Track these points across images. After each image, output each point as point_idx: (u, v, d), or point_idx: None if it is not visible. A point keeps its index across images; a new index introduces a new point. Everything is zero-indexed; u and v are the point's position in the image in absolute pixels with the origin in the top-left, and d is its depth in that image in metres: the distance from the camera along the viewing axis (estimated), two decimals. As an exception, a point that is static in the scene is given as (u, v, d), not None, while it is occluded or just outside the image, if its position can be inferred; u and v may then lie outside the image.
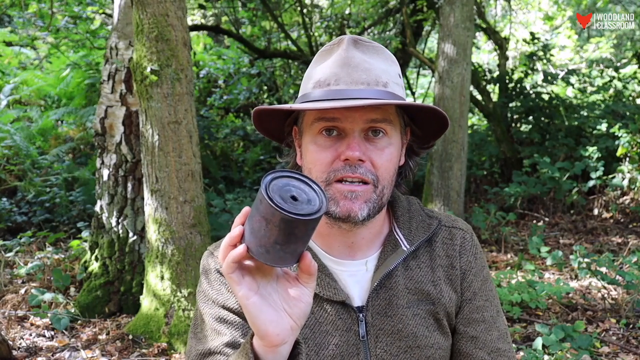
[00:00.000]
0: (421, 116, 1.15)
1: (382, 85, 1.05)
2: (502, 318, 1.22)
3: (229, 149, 8.41)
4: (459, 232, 1.23)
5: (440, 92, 5.50)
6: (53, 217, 6.25)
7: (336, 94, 1.03)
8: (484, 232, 5.74)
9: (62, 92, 7.96)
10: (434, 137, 1.19)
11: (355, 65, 1.05)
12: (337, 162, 1.06)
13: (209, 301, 1.13)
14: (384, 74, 1.07)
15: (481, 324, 1.18)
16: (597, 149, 6.55)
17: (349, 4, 8.69)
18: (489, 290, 1.22)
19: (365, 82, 1.04)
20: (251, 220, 0.81)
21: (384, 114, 1.06)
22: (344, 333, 1.11)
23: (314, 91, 1.06)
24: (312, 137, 1.08)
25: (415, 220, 1.21)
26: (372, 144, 1.06)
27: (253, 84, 8.09)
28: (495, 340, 1.18)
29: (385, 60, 1.11)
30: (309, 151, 1.09)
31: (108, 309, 4.04)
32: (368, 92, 1.03)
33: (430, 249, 1.20)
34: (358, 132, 1.05)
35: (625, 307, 3.77)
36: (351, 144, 1.04)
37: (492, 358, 1.16)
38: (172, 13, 3.33)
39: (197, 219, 3.48)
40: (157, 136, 3.37)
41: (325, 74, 1.07)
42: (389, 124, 1.07)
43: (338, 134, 1.06)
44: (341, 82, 1.04)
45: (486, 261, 1.27)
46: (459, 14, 5.37)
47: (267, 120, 1.17)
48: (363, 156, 1.04)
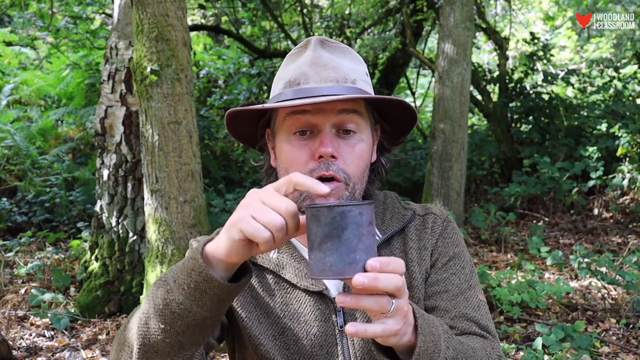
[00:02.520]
0: (390, 112, 1.17)
1: (351, 82, 1.09)
2: (474, 292, 1.17)
3: (229, 149, 8.42)
4: (431, 217, 1.24)
5: (440, 92, 5.50)
6: (53, 217, 6.25)
7: (306, 92, 1.06)
8: (484, 232, 5.74)
9: (62, 92, 7.96)
10: (403, 133, 1.22)
11: (323, 64, 1.08)
12: (312, 161, 1.07)
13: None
14: (351, 72, 1.10)
15: (443, 295, 1.15)
16: (597, 149, 6.55)
17: (349, 4, 8.69)
18: (459, 266, 1.19)
19: (334, 80, 1.07)
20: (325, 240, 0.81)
21: (354, 106, 1.09)
22: (323, 324, 1.13)
23: (285, 91, 1.09)
24: (286, 136, 1.10)
25: (390, 212, 1.23)
26: (344, 141, 1.09)
27: (253, 84, 8.09)
28: (461, 308, 1.13)
29: (352, 60, 1.14)
30: (284, 151, 1.11)
31: (108, 309, 4.03)
32: (337, 89, 1.06)
33: (403, 236, 1.21)
34: (329, 128, 1.07)
35: (625, 307, 3.77)
36: (324, 140, 1.06)
37: (456, 323, 1.12)
38: (172, 13, 3.33)
39: (197, 219, 3.48)
40: (157, 136, 3.37)
41: (295, 74, 1.10)
42: (358, 116, 1.09)
43: (311, 133, 1.08)
44: (311, 80, 1.07)
45: (464, 242, 1.25)
46: (459, 14, 5.37)
47: (240, 125, 1.20)
48: (335, 152, 1.06)
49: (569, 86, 8.36)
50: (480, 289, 1.21)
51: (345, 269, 0.79)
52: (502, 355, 1.11)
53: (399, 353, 0.92)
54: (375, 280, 0.77)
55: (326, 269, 0.80)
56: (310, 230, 0.82)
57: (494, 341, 1.13)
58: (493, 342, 1.12)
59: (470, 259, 1.24)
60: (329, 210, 0.79)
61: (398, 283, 0.79)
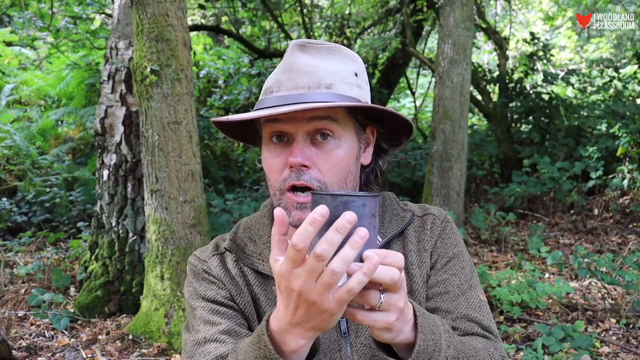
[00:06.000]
0: (378, 114, 1.13)
1: (325, 87, 1.05)
2: (475, 293, 1.16)
3: (229, 149, 8.42)
4: (429, 217, 1.22)
5: (440, 92, 5.50)
6: (53, 217, 6.25)
7: (278, 100, 1.04)
8: (484, 232, 5.74)
9: (62, 92, 7.97)
10: (403, 134, 1.18)
11: (297, 69, 1.06)
12: (285, 170, 1.06)
13: (199, 298, 1.15)
14: (329, 76, 1.06)
15: (444, 296, 1.14)
16: (597, 149, 6.55)
17: (349, 4, 8.69)
18: (459, 267, 1.18)
19: (306, 86, 1.04)
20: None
21: (327, 112, 1.05)
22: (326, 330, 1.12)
23: (264, 99, 1.08)
24: (266, 143, 1.10)
25: (389, 214, 1.21)
26: (319, 148, 1.06)
27: (253, 84, 8.09)
28: (462, 309, 1.12)
29: (341, 60, 1.10)
30: (264, 158, 1.11)
31: (108, 309, 4.03)
32: (308, 96, 1.03)
33: (403, 239, 1.19)
34: (302, 136, 1.05)
35: (625, 307, 3.77)
36: (293, 150, 1.04)
37: (458, 324, 1.11)
38: (172, 13, 3.33)
39: (197, 219, 3.48)
40: (157, 136, 3.37)
41: (270, 80, 1.09)
42: (334, 122, 1.06)
43: (287, 140, 1.07)
44: (282, 88, 1.06)
45: (463, 242, 1.24)
46: (459, 14, 5.37)
47: (231, 129, 1.19)
48: (306, 161, 1.04)
49: (569, 86, 8.37)
50: (481, 289, 1.20)
51: None
52: (505, 356, 1.10)
53: (398, 351, 0.92)
54: (369, 271, 0.77)
55: None
56: None
57: (497, 341, 1.12)
58: (496, 342, 1.11)
59: (469, 258, 1.24)
60: (333, 199, 0.78)
61: (394, 276, 0.79)
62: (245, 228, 1.23)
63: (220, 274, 1.16)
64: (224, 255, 1.19)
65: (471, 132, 8.48)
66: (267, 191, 1.20)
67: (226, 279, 1.16)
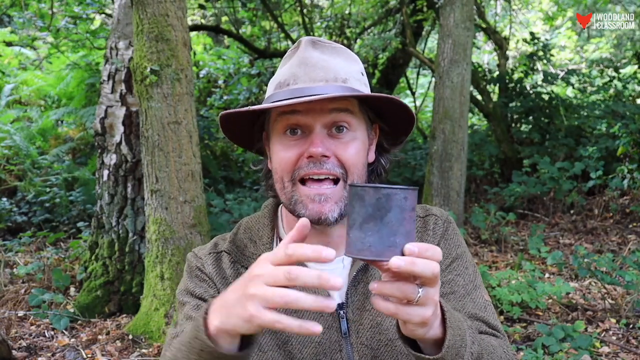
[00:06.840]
0: (386, 111, 1.15)
1: (342, 81, 1.07)
2: (480, 292, 1.17)
3: (229, 149, 8.42)
4: (432, 218, 1.23)
5: (440, 92, 5.50)
6: (53, 217, 6.25)
7: (295, 92, 1.05)
8: (484, 232, 5.74)
9: (62, 92, 7.97)
10: (403, 133, 1.20)
11: (313, 64, 1.08)
12: (301, 159, 1.06)
13: (188, 294, 1.17)
14: (342, 71, 1.08)
15: (450, 296, 1.15)
16: (597, 149, 6.55)
17: (349, 4, 8.69)
18: (463, 267, 1.19)
19: (324, 79, 1.06)
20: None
21: (346, 105, 1.07)
22: (326, 331, 1.12)
23: (276, 93, 1.09)
24: (278, 137, 1.10)
25: None
26: (337, 140, 1.07)
27: (253, 84, 8.09)
28: (469, 308, 1.13)
29: (346, 59, 1.13)
30: (275, 152, 1.11)
31: (108, 309, 4.03)
32: (326, 88, 1.04)
33: None
34: (320, 128, 1.06)
35: (625, 307, 3.76)
36: (314, 140, 1.04)
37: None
38: (172, 13, 3.33)
39: (197, 219, 3.48)
40: (157, 136, 3.37)
41: (285, 75, 1.09)
42: (351, 115, 1.08)
43: (302, 133, 1.07)
44: (299, 80, 1.06)
45: (465, 243, 1.25)
46: (459, 14, 5.37)
47: (235, 127, 1.19)
48: (327, 152, 1.05)
49: (569, 86, 8.36)
50: (485, 289, 1.21)
51: (385, 250, 0.78)
52: (515, 354, 1.11)
53: (424, 348, 0.91)
54: (412, 264, 0.76)
55: (365, 249, 0.79)
56: (352, 209, 0.81)
57: (506, 340, 1.13)
58: (505, 340, 1.13)
59: (472, 258, 1.25)
60: (375, 191, 0.78)
61: (435, 270, 0.78)
62: (246, 229, 1.23)
63: (213, 272, 1.17)
64: (220, 255, 1.20)
65: (471, 132, 8.48)
66: (267, 192, 1.20)
67: (218, 278, 1.17)
